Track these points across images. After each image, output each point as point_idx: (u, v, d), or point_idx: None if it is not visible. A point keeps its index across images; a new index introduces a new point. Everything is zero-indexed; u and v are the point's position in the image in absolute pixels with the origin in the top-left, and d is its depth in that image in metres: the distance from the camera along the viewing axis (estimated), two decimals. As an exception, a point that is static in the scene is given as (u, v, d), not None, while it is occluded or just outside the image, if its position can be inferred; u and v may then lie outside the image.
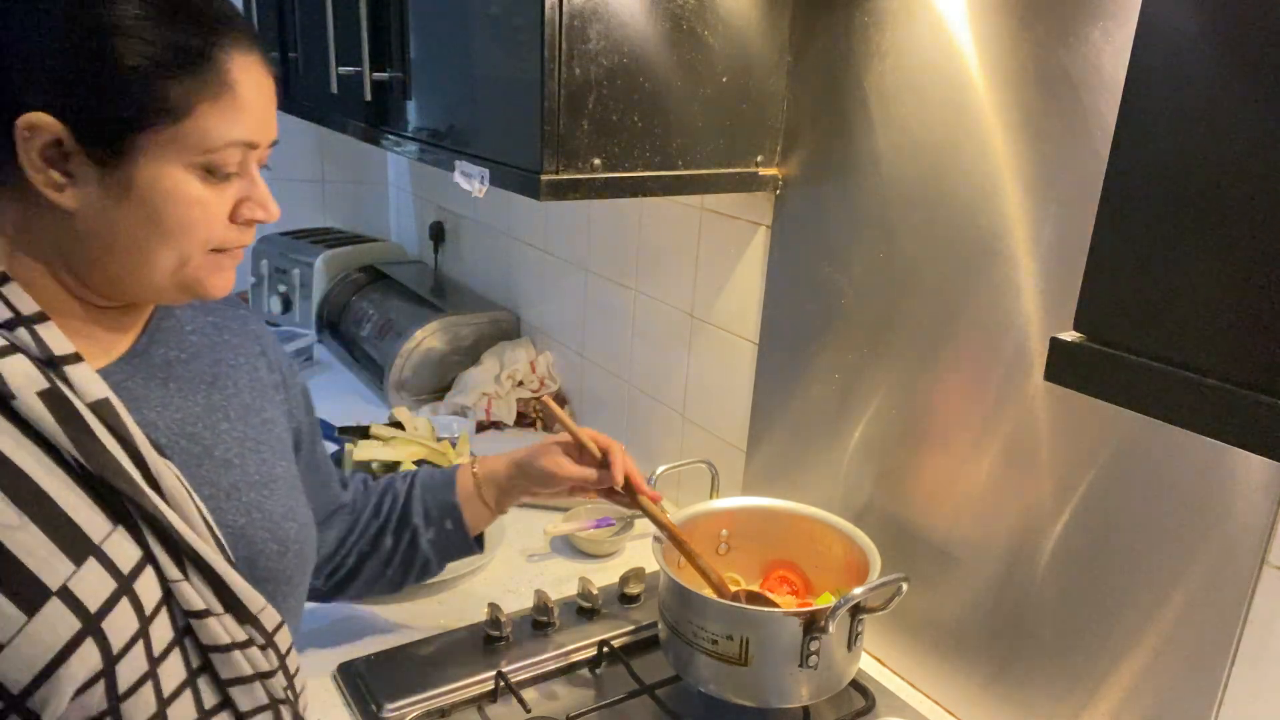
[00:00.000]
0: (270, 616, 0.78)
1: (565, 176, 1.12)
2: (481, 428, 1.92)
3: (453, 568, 1.22)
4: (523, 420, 1.98)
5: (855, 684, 1.14)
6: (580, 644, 1.21)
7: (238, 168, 0.73)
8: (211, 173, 0.71)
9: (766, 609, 1.08)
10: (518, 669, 1.15)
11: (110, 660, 0.68)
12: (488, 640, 1.20)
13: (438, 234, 2.43)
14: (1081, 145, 0.93)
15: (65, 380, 0.69)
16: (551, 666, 1.18)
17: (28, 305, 0.70)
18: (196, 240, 0.73)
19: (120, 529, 0.69)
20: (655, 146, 1.17)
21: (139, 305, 0.80)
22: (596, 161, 1.14)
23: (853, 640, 1.04)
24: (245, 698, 0.77)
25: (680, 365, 1.60)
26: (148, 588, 0.70)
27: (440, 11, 1.33)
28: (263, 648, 0.78)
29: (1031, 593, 1.04)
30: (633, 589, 1.31)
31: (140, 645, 0.69)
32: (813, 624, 0.99)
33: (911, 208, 1.12)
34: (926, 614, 1.17)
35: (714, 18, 1.17)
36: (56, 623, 0.65)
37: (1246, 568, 0.85)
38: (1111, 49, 0.89)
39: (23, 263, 0.71)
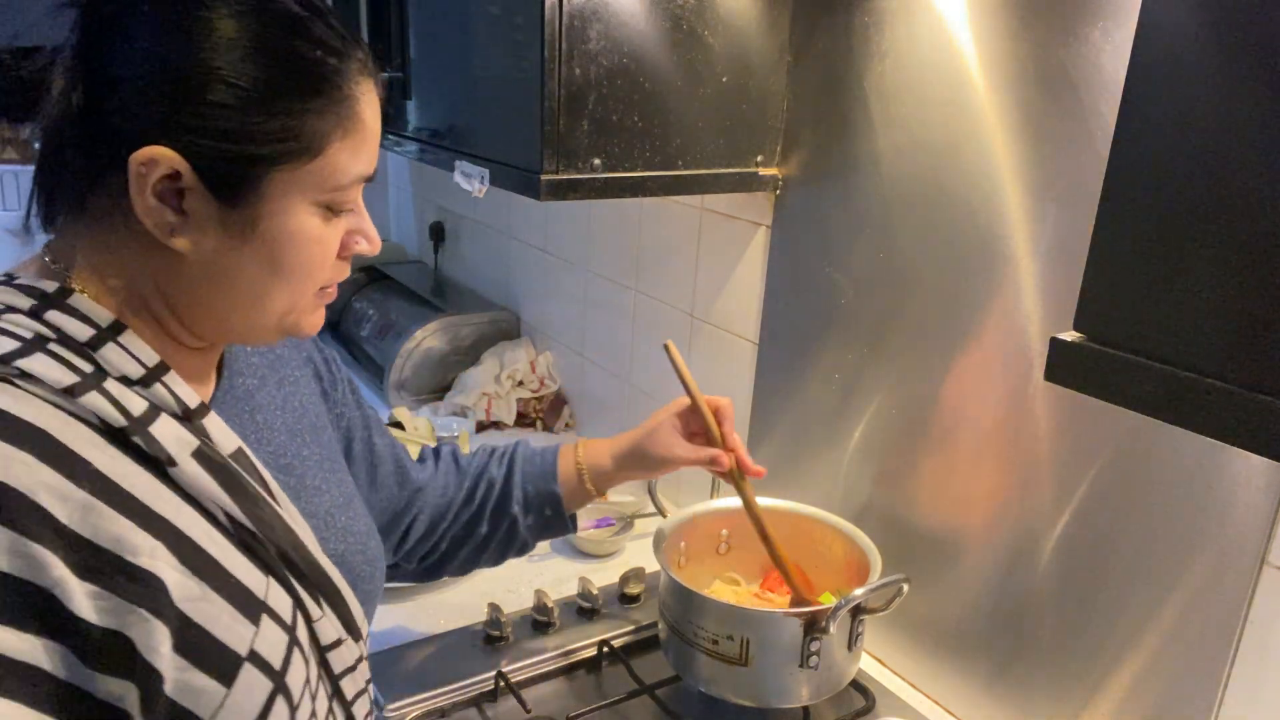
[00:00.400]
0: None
1: (565, 176, 1.12)
2: (481, 428, 1.92)
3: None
4: (523, 420, 1.98)
5: (855, 684, 1.14)
6: (580, 644, 1.21)
7: (353, 203, 0.69)
8: (331, 210, 0.66)
9: (766, 609, 1.08)
10: (518, 669, 1.15)
11: (293, 712, 0.66)
12: (488, 640, 1.20)
13: (438, 234, 2.43)
14: (1081, 145, 0.93)
15: (205, 435, 0.65)
16: (551, 666, 1.18)
17: (149, 355, 0.64)
18: (312, 281, 0.68)
19: (272, 579, 0.66)
20: (655, 146, 1.17)
21: None
22: (596, 161, 1.14)
23: (853, 640, 1.04)
24: (360, 710, 0.77)
25: (680, 365, 1.59)
26: (303, 632, 0.68)
27: (440, 11, 1.33)
28: (360, 661, 0.78)
29: (1031, 593, 1.04)
30: (633, 589, 1.31)
31: (307, 689, 0.69)
32: (813, 624, 0.99)
33: (911, 208, 1.12)
34: (926, 614, 1.17)
35: (714, 18, 1.17)
36: (252, 688, 0.63)
37: (1246, 568, 0.84)
38: (1111, 49, 0.89)
39: (127, 305, 0.65)
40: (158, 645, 0.58)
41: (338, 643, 0.72)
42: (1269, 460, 0.78)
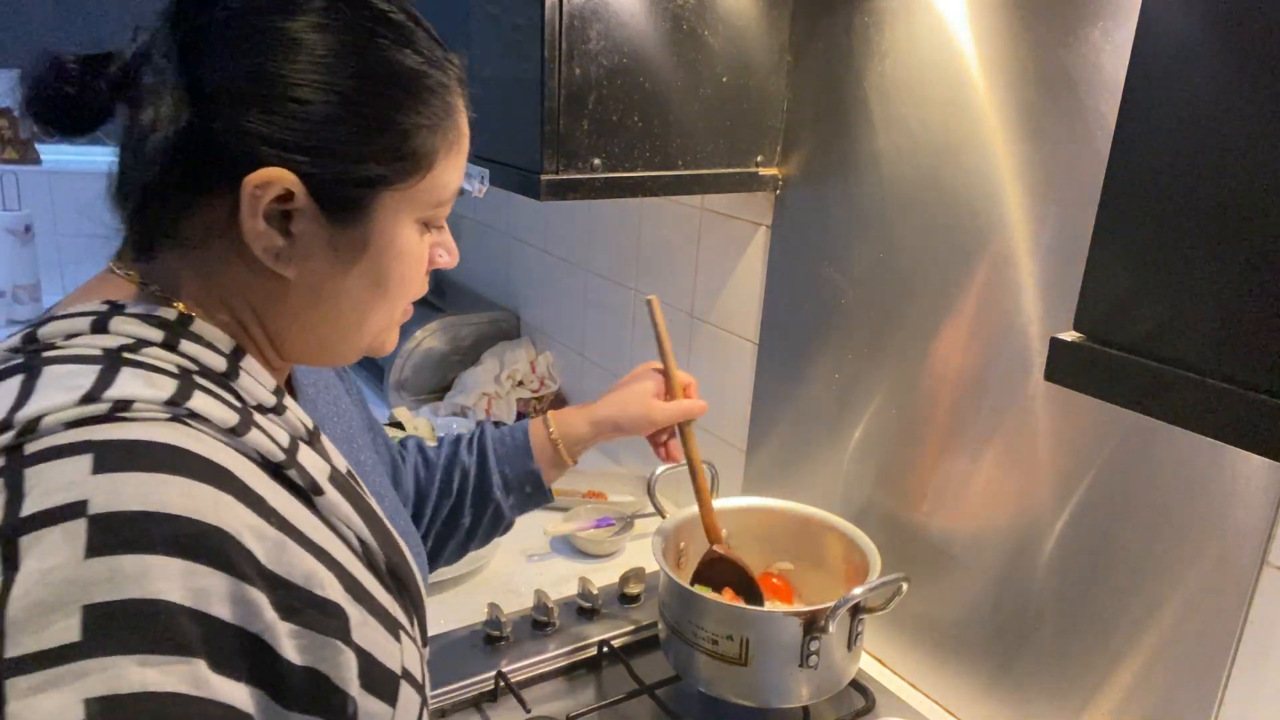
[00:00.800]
0: None
1: (565, 176, 1.12)
2: (481, 428, 1.92)
3: (453, 568, 1.22)
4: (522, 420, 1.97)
5: (855, 684, 1.14)
6: (580, 644, 1.21)
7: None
8: (427, 225, 0.65)
9: (767, 609, 1.08)
10: (518, 669, 1.15)
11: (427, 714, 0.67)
12: (488, 640, 1.20)
13: (438, 234, 2.43)
14: (1081, 145, 0.93)
15: (327, 457, 0.64)
16: (551, 666, 1.18)
17: (268, 381, 0.62)
18: (408, 297, 0.67)
19: (392, 596, 0.66)
20: (655, 146, 1.17)
21: None
22: (596, 161, 1.14)
23: (853, 640, 1.04)
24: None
25: (680, 365, 1.59)
26: (418, 644, 0.69)
27: (440, 11, 1.32)
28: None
29: (1031, 593, 1.04)
30: (633, 589, 1.31)
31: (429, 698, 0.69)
32: (813, 624, 0.99)
33: (911, 208, 1.12)
34: (926, 614, 1.17)
35: (714, 18, 1.17)
36: (409, 705, 0.63)
37: (1246, 568, 0.84)
38: (1111, 49, 0.89)
39: (236, 331, 0.62)
40: (350, 676, 0.57)
41: (422, 653, 0.72)
42: (1269, 460, 0.78)
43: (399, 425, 1.68)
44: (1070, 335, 0.59)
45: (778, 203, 1.32)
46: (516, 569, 1.42)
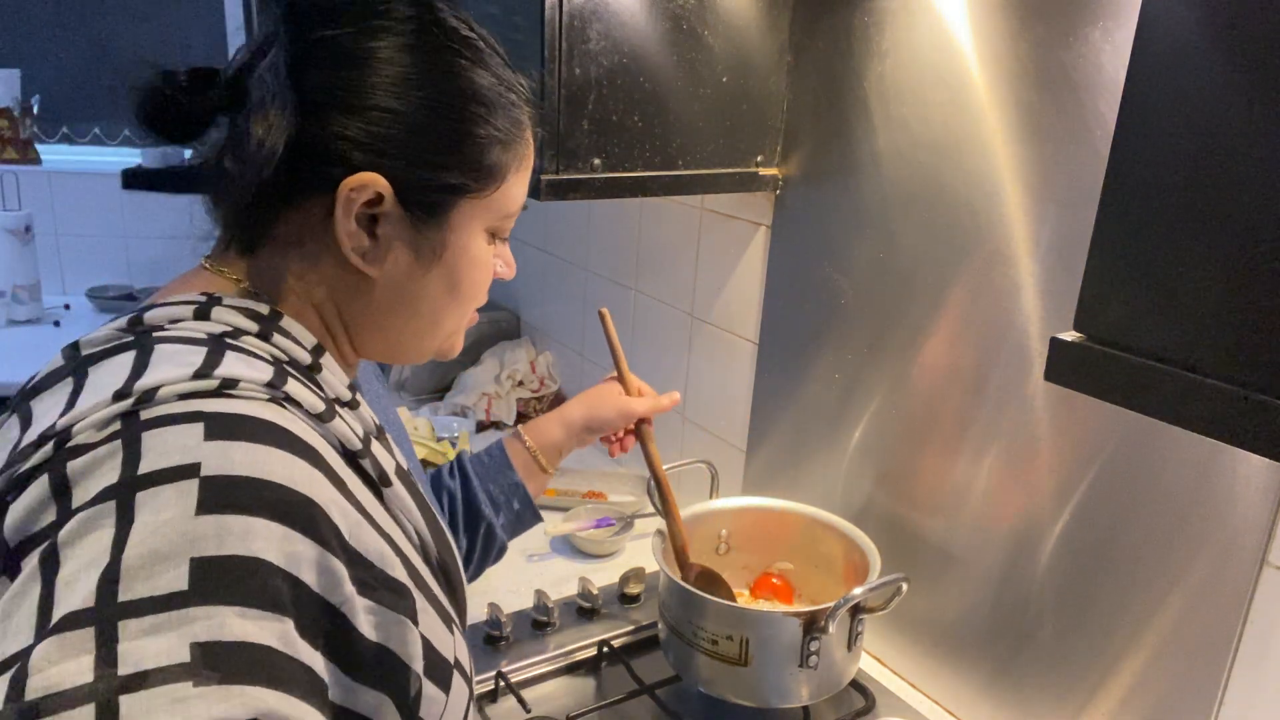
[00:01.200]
0: None
1: (565, 176, 1.12)
2: (481, 428, 1.92)
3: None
4: (523, 420, 1.98)
5: (855, 684, 1.14)
6: (580, 644, 1.21)
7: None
8: (494, 236, 0.71)
9: (767, 609, 1.08)
10: (518, 669, 1.15)
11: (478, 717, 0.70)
12: (488, 640, 1.20)
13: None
14: (1081, 145, 0.93)
15: (392, 453, 0.68)
16: (551, 666, 1.18)
17: (343, 378, 0.66)
18: (477, 302, 0.73)
19: (443, 591, 0.69)
20: (655, 146, 1.17)
21: None
22: (596, 161, 1.14)
23: (853, 640, 1.04)
24: None
25: (680, 365, 1.60)
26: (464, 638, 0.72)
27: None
28: None
29: (1031, 593, 1.04)
30: (633, 589, 1.31)
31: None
32: (813, 624, 0.99)
33: (911, 208, 1.12)
34: (926, 614, 1.17)
35: (714, 18, 1.17)
36: (460, 693, 0.66)
37: (1246, 568, 0.85)
38: (1111, 49, 0.89)
39: (319, 328, 0.67)
40: (416, 654, 0.60)
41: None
42: (1269, 460, 0.78)
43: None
44: (1070, 335, 0.59)
45: (778, 203, 1.32)
46: (516, 569, 1.42)
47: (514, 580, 1.38)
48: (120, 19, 2.63)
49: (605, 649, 1.20)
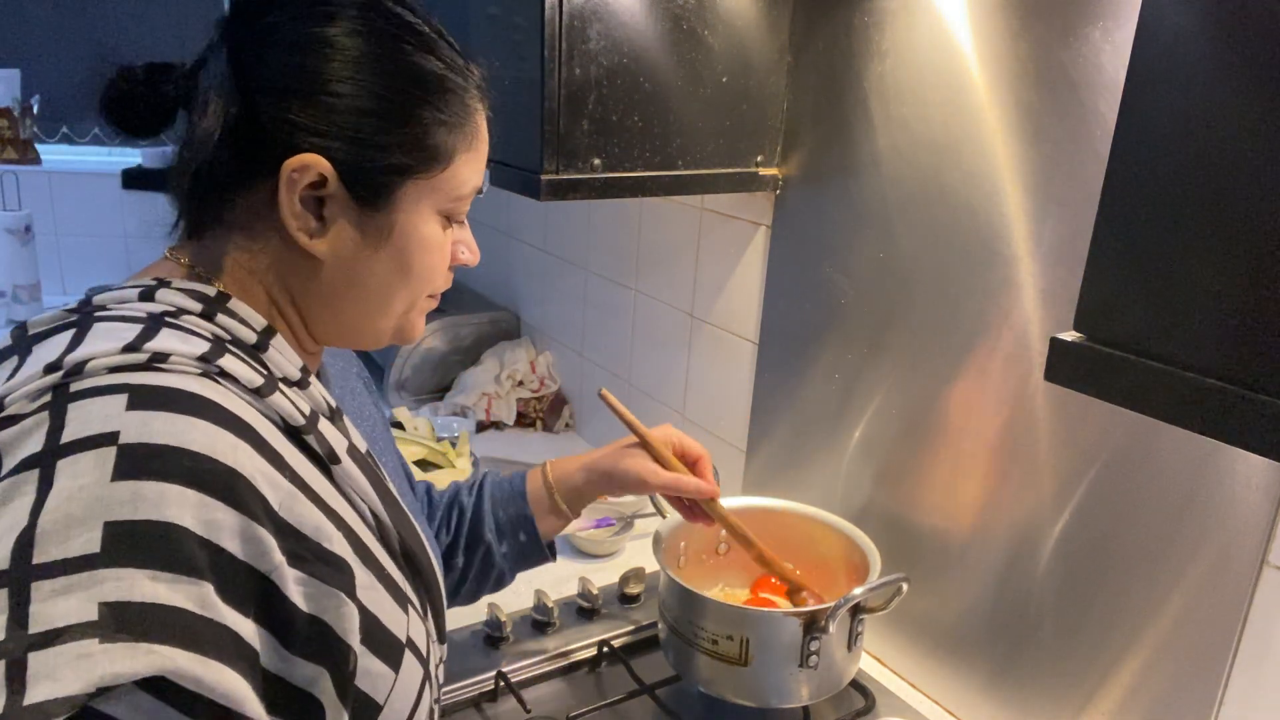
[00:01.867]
0: None
1: (565, 176, 1.12)
2: (481, 428, 1.92)
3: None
4: (523, 420, 1.98)
5: (855, 684, 1.14)
6: (580, 644, 1.21)
7: (464, 214, 0.74)
8: (449, 219, 0.72)
9: (766, 609, 1.08)
10: (518, 669, 1.15)
11: (432, 702, 0.70)
12: (488, 640, 1.20)
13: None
14: (1081, 145, 0.93)
15: (347, 434, 0.69)
16: (551, 666, 1.18)
17: (295, 359, 0.67)
18: (430, 285, 0.73)
19: (404, 573, 0.70)
20: (655, 146, 1.17)
21: None
22: (596, 161, 1.14)
23: (853, 640, 1.04)
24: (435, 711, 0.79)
25: (680, 365, 1.60)
26: (430, 625, 0.73)
27: (440, 11, 1.32)
28: (440, 665, 0.79)
29: (1031, 593, 1.04)
30: (633, 589, 1.31)
31: (436, 679, 0.72)
32: (813, 624, 0.99)
33: (912, 208, 1.12)
34: (926, 614, 1.17)
35: (714, 18, 1.17)
36: (412, 672, 0.66)
37: (1246, 568, 0.85)
38: (1111, 49, 0.89)
39: (270, 311, 0.68)
40: (351, 628, 0.60)
41: (433, 641, 0.74)
42: (1269, 460, 0.78)
43: (399, 425, 1.68)
44: (1070, 335, 0.59)
45: (778, 203, 1.32)
46: (516, 569, 1.42)
47: (514, 580, 1.38)
48: (120, 19, 2.63)
49: (605, 649, 1.20)
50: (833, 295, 1.25)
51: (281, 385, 0.64)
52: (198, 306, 0.63)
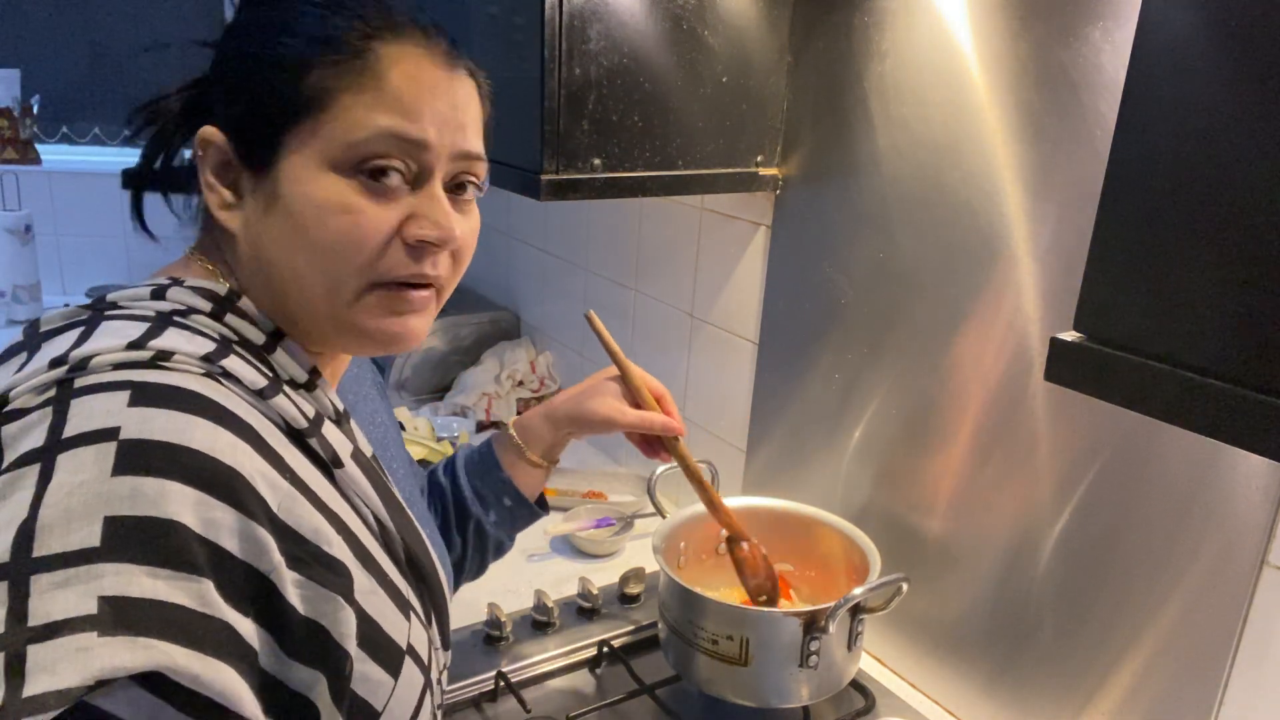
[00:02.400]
0: None
1: (565, 176, 1.12)
2: (482, 428, 1.92)
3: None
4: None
5: (855, 684, 1.14)
6: (580, 644, 1.21)
7: (405, 175, 0.64)
8: (372, 177, 0.62)
9: (767, 609, 1.08)
10: (518, 669, 1.15)
11: (433, 708, 0.70)
12: (488, 640, 1.20)
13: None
14: (1081, 145, 0.93)
15: (354, 439, 0.68)
16: (551, 666, 1.18)
17: (305, 361, 0.66)
18: (346, 260, 0.63)
19: (407, 580, 0.70)
20: (655, 146, 1.17)
21: None
22: (596, 161, 1.14)
23: (853, 640, 1.04)
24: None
25: (680, 365, 1.60)
26: (432, 632, 0.72)
27: (440, 11, 1.32)
28: (444, 672, 0.79)
29: (1031, 593, 1.04)
30: (633, 589, 1.31)
31: (439, 686, 0.72)
32: (813, 624, 0.99)
33: (912, 208, 1.12)
34: (926, 614, 1.17)
35: (714, 18, 1.17)
36: (412, 680, 0.66)
37: (1246, 568, 0.85)
38: (1111, 49, 0.89)
39: (265, 304, 0.67)
40: (349, 633, 0.60)
41: (436, 649, 0.74)
42: (1269, 460, 0.78)
43: (399, 426, 1.68)
44: (1070, 335, 0.59)
45: (778, 203, 1.32)
46: (516, 569, 1.42)
47: (514, 580, 1.38)
48: (120, 19, 2.63)
49: (605, 649, 1.20)
50: (833, 295, 1.25)
51: (286, 388, 0.63)
52: (207, 306, 0.63)
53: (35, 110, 2.50)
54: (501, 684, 1.12)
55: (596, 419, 1.01)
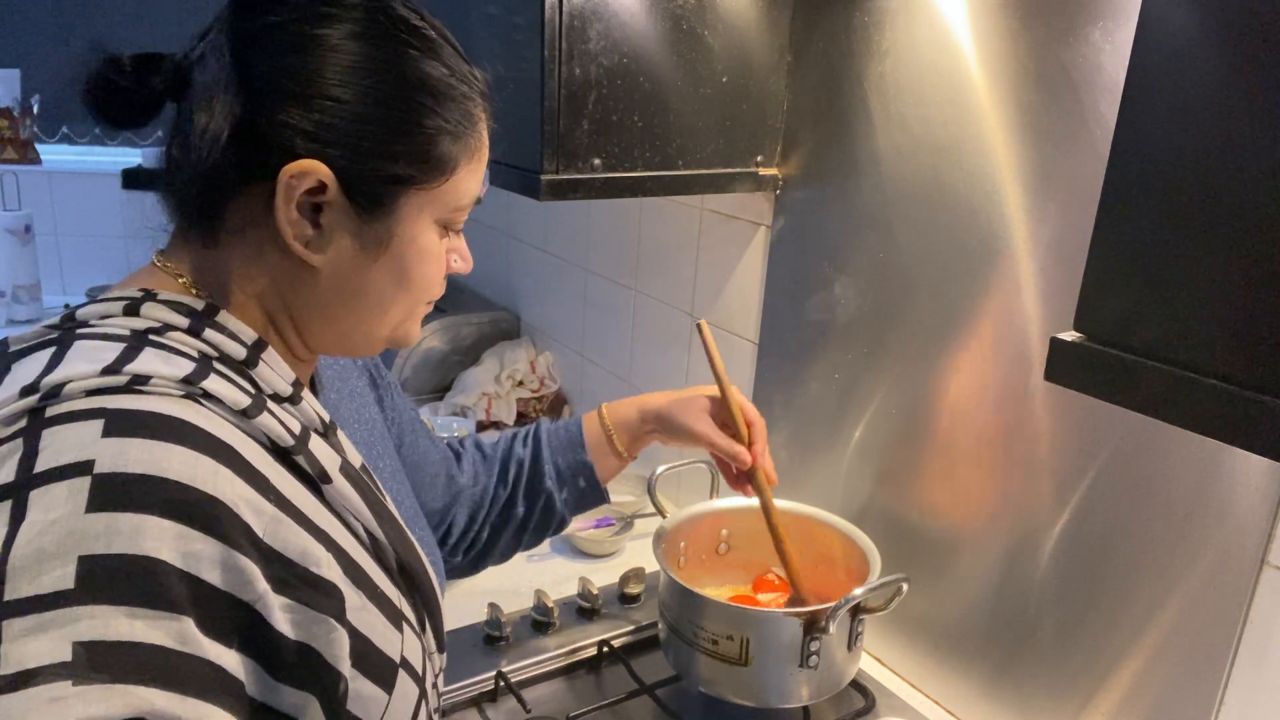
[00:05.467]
0: None
1: (565, 176, 1.12)
2: (482, 428, 1.92)
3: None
4: (523, 420, 1.98)
5: (855, 684, 1.14)
6: (580, 644, 1.21)
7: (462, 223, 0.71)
8: (446, 228, 0.69)
9: (767, 609, 1.08)
10: (518, 669, 1.15)
11: (429, 713, 0.69)
12: (488, 640, 1.20)
13: (438, 234, 2.43)
14: (1081, 145, 0.93)
15: (341, 450, 0.68)
16: (551, 666, 1.18)
17: (287, 373, 0.65)
18: (427, 294, 0.71)
19: (399, 590, 0.69)
20: (655, 146, 1.17)
21: None
22: (596, 161, 1.14)
23: (853, 640, 1.04)
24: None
25: (680, 365, 1.60)
26: (426, 640, 0.71)
27: (440, 11, 1.32)
28: (440, 675, 0.79)
29: (1031, 593, 1.04)
30: (633, 589, 1.31)
31: (434, 694, 0.71)
32: (813, 624, 0.99)
33: (912, 208, 1.12)
34: (926, 614, 1.17)
35: (714, 18, 1.17)
36: (407, 694, 0.65)
37: (1246, 568, 0.85)
38: (1111, 49, 0.89)
39: (262, 321, 0.66)
40: (341, 654, 0.59)
41: (431, 654, 0.73)
42: (1269, 460, 0.78)
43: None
44: (1070, 335, 0.59)
45: (778, 203, 1.32)
46: (516, 569, 1.42)
47: (514, 580, 1.38)
48: (121, 19, 2.63)
49: (605, 649, 1.20)
50: (833, 295, 1.25)
51: (270, 403, 0.62)
52: (184, 322, 0.61)
53: (35, 110, 2.50)
54: (501, 684, 1.12)
55: (686, 429, 1.04)
